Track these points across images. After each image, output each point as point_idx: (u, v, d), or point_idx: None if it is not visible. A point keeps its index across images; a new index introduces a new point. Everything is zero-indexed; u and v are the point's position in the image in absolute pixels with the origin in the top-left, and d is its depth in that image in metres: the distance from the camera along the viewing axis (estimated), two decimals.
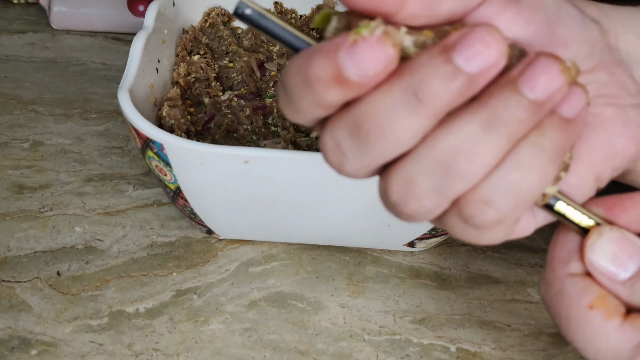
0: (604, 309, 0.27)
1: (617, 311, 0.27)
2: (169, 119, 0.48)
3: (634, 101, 0.30)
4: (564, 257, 0.29)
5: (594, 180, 0.29)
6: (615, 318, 0.26)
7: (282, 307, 0.46)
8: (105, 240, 0.50)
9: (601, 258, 0.28)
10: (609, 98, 0.30)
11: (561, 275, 0.28)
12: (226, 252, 0.50)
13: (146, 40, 0.48)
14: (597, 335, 0.26)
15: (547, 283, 0.29)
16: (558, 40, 0.28)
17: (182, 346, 0.43)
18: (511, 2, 0.27)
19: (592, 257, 0.28)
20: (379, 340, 0.45)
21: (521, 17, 0.27)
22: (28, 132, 0.59)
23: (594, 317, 0.26)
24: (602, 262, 0.28)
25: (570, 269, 0.28)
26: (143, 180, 0.56)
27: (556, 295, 0.28)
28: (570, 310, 0.27)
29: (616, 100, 0.30)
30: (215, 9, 0.60)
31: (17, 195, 0.53)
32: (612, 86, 0.30)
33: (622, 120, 0.30)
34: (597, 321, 0.26)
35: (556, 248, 0.29)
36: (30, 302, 0.45)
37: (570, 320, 0.27)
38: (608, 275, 0.27)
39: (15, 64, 0.68)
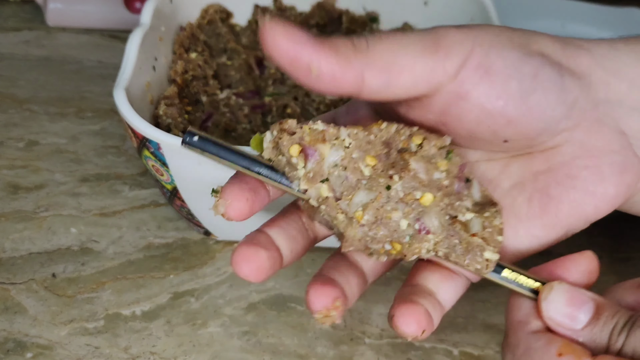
0: (572, 354, 0.28)
1: (584, 353, 0.28)
2: (166, 118, 0.47)
3: (612, 159, 0.31)
4: (522, 319, 0.31)
5: (563, 234, 0.33)
6: (585, 358, 0.28)
7: (281, 310, 0.46)
8: (101, 242, 0.49)
9: (556, 310, 0.30)
10: (584, 159, 0.31)
11: (524, 335, 0.30)
12: (224, 253, 0.49)
13: (143, 37, 0.48)
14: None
15: (512, 346, 0.30)
16: (531, 108, 0.29)
17: (179, 350, 0.43)
18: (483, 75, 0.29)
19: (548, 310, 0.30)
20: (380, 343, 0.44)
21: (494, 90, 0.29)
22: (23, 131, 0.58)
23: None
24: (558, 315, 0.30)
25: (531, 328, 0.31)
26: (139, 181, 0.55)
27: (524, 354, 0.30)
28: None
29: (592, 161, 0.31)
30: (213, 5, 0.59)
31: (12, 195, 0.52)
32: (589, 146, 0.31)
33: (596, 180, 0.31)
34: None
35: (512, 313, 0.32)
36: (25, 304, 0.44)
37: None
38: (566, 325, 0.30)
39: (10, 62, 0.67)
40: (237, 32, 0.60)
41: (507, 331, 0.32)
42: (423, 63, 0.28)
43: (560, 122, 0.30)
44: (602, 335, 0.29)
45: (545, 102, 0.30)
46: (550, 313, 0.30)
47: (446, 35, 0.29)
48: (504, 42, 0.29)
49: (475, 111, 0.29)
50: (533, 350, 0.29)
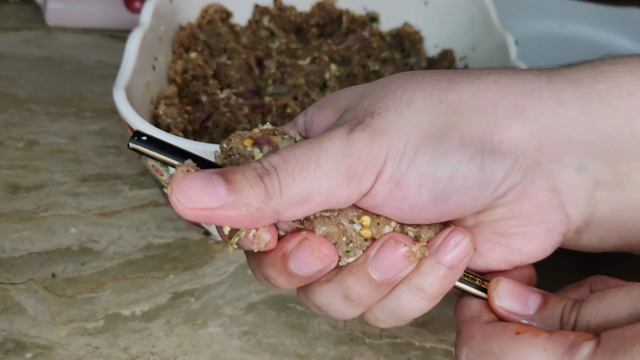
0: (529, 331, 0.29)
1: (541, 330, 0.29)
2: (166, 118, 0.47)
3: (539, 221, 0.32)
4: (474, 315, 0.32)
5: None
6: (542, 334, 0.29)
7: (281, 310, 0.46)
8: (101, 242, 0.49)
9: (507, 299, 0.32)
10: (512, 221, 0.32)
11: (479, 326, 0.31)
12: (224, 253, 0.49)
13: (142, 37, 0.48)
14: (533, 351, 0.29)
15: (467, 339, 0.31)
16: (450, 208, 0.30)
17: (179, 350, 0.43)
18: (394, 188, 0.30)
19: (499, 300, 0.32)
20: (379, 343, 0.44)
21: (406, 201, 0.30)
22: (23, 131, 0.58)
23: (524, 339, 0.29)
24: (509, 303, 0.32)
25: (484, 320, 0.32)
26: (139, 180, 0.55)
27: (482, 341, 0.30)
28: (502, 344, 0.30)
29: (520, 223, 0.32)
30: (212, 5, 0.59)
31: (12, 195, 0.52)
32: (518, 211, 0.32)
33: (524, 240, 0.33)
34: (528, 340, 0.29)
35: (464, 311, 0.33)
36: (25, 304, 0.44)
37: (505, 351, 0.29)
38: (518, 312, 0.32)
39: (10, 62, 0.67)
40: (237, 32, 0.60)
41: (459, 328, 0.32)
42: (339, 194, 0.29)
43: (485, 204, 0.31)
44: (554, 318, 0.31)
45: (464, 200, 0.30)
46: (502, 302, 0.32)
47: (359, 154, 0.29)
48: (422, 138, 0.29)
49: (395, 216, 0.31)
50: (491, 335, 0.30)
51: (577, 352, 0.27)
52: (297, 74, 0.55)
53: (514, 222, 0.32)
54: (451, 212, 0.31)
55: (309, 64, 0.57)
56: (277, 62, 0.56)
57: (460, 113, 0.30)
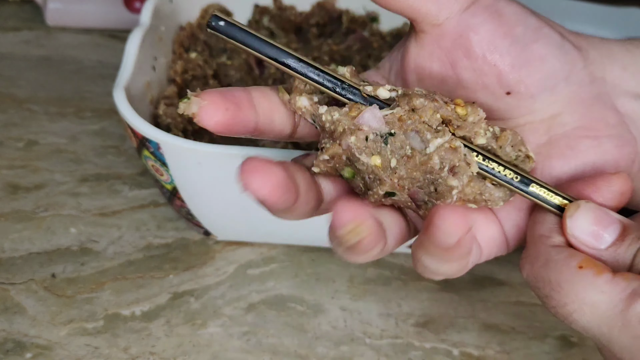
0: (593, 267, 0.28)
1: (605, 269, 0.28)
2: (166, 118, 0.47)
3: (610, 132, 0.32)
4: (544, 233, 0.30)
5: None
6: (605, 273, 0.27)
7: (281, 310, 0.46)
8: (101, 242, 0.49)
9: (581, 228, 0.29)
10: (584, 130, 0.32)
11: (545, 248, 0.30)
12: (224, 253, 0.49)
13: (142, 37, 0.48)
14: (590, 290, 0.27)
15: (532, 258, 0.30)
16: (533, 55, 0.31)
17: (179, 350, 0.42)
18: (493, 15, 0.30)
19: (572, 228, 0.30)
20: (380, 344, 0.44)
21: (500, 30, 0.30)
22: (22, 131, 0.58)
23: (585, 275, 0.28)
24: (582, 233, 0.29)
25: (552, 242, 0.30)
26: (139, 181, 0.55)
27: (543, 266, 0.29)
28: (561, 275, 0.28)
29: (592, 132, 0.32)
30: (212, 5, 0.59)
31: (12, 195, 0.52)
32: (588, 119, 0.32)
33: (596, 153, 0.32)
34: (589, 278, 0.27)
35: (536, 226, 0.31)
36: (24, 304, 0.44)
37: (562, 284, 0.28)
38: (589, 244, 0.29)
39: (10, 62, 0.67)
40: None
41: (528, 244, 0.31)
42: None
43: (559, 83, 0.31)
44: (626, 256, 0.29)
45: (546, 53, 0.31)
46: (575, 231, 0.30)
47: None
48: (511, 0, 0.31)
49: (483, 45, 0.30)
50: (553, 262, 0.29)
51: (636, 302, 0.26)
52: None
53: (585, 131, 0.32)
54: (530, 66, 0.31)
55: None
56: None
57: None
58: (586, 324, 0.28)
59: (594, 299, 0.27)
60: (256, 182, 0.26)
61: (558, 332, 0.46)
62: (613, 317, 0.27)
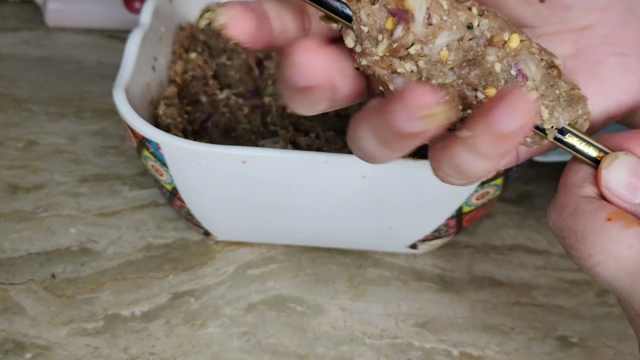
0: (622, 220, 0.27)
1: (635, 222, 0.27)
2: (166, 118, 0.47)
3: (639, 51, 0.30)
4: (577, 182, 0.29)
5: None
6: (634, 227, 0.27)
7: (281, 311, 0.46)
8: (101, 242, 0.49)
9: (616, 180, 0.28)
10: (613, 47, 0.30)
11: (575, 198, 0.29)
12: (224, 254, 0.49)
13: (142, 37, 0.48)
14: (617, 243, 0.27)
15: (560, 207, 0.29)
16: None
17: (178, 350, 0.42)
18: None
19: (607, 178, 0.28)
20: (380, 344, 0.44)
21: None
22: (22, 131, 0.58)
23: (613, 228, 0.27)
24: (617, 184, 0.28)
25: (584, 192, 0.29)
26: (139, 181, 0.55)
27: (571, 215, 0.28)
28: (587, 226, 0.27)
29: (621, 49, 0.30)
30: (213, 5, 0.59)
31: (11, 195, 0.52)
32: (620, 34, 0.30)
33: (622, 70, 0.30)
34: (617, 230, 0.27)
35: (569, 175, 0.30)
36: (24, 304, 0.44)
37: (588, 235, 0.27)
38: (623, 197, 0.28)
39: (10, 62, 0.67)
40: None
41: (558, 193, 0.30)
42: None
43: None
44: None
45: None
46: (610, 182, 0.29)
47: None
48: None
49: None
50: (581, 212, 0.28)
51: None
52: None
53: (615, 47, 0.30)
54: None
55: None
56: (277, 63, 0.56)
57: None
58: (609, 277, 0.27)
59: (619, 252, 0.27)
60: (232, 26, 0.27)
61: (558, 333, 0.46)
62: (638, 271, 0.26)
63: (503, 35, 0.28)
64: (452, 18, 0.27)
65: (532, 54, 0.29)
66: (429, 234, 0.47)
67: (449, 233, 0.48)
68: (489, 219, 0.54)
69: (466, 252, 0.51)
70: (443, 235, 0.48)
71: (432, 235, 0.47)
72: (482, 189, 0.43)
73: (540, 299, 0.48)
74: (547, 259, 0.51)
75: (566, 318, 0.47)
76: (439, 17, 0.27)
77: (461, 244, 0.52)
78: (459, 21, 0.27)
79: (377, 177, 0.41)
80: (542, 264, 0.51)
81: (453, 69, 0.28)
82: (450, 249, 0.51)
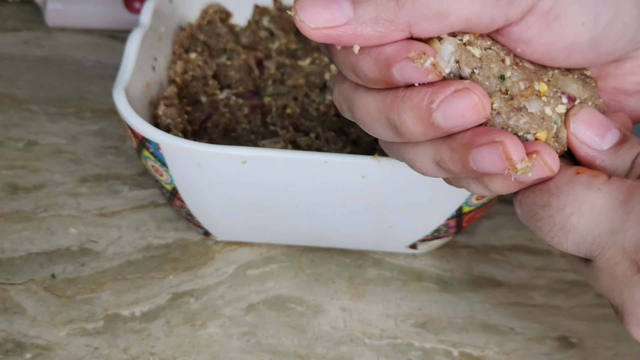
0: (590, 172, 0.28)
1: (602, 173, 0.28)
2: (165, 118, 0.47)
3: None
4: None
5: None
6: (602, 176, 0.27)
7: (281, 311, 0.46)
8: (101, 242, 0.49)
9: (583, 127, 0.29)
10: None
11: None
12: (224, 254, 0.49)
13: (142, 38, 0.48)
14: (588, 190, 0.27)
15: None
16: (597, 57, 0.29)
17: (178, 350, 0.42)
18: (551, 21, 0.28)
19: (575, 127, 0.29)
20: (380, 344, 0.44)
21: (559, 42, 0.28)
22: (22, 131, 0.58)
23: (582, 178, 0.27)
24: (585, 132, 0.29)
25: None
26: (139, 181, 0.55)
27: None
28: (559, 180, 0.28)
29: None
30: (212, 5, 0.59)
31: (11, 195, 0.52)
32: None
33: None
34: (586, 179, 0.27)
35: None
36: (24, 304, 0.44)
37: (562, 187, 0.28)
38: (590, 143, 0.29)
39: (10, 62, 0.67)
40: (236, 32, 0.60)
41: None
42: (482, 13, 0.27)
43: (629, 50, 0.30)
44: (625, 161, 0.29)
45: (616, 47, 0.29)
46: (577, 129, 0.29)
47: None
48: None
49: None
50: None
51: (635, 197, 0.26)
52: (297, 74, 0.55)
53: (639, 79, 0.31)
54: (594, 60, 0.29)
55: (309, 64, 0.57)
56: (277, 63, 0.56)
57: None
58: (584, 226, 0.27)
59: (593, 197, 0.27)
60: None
61: (557, 333, 0.46)
62: (613, 210, 0.27)
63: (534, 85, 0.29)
64: (485, 70, 0.28)
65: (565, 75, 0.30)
66: (429, 234, 0.47)
67: (448, 233, 0.48)
68: (488, 220, 0.54)
69: (466, 252, 0.51)
70: (443, 235, 0.48)
71: (431, 235, 0.47)
72: None
73: (539, 300, 0.48)
74: (546, 259, 0.52)
75: (565, 319, 0.47)
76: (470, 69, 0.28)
77: (461, 245, 0.52)
78: (492, 73, 0.28)
79: (377, 177, 0.41)
80: (542, 265, 0.51)
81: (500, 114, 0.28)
82: (450, 249, 0.51)
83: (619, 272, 0.27)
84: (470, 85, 0.27)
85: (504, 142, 0.27)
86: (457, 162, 0.28)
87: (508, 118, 0.28)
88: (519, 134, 0.29)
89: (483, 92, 0.27)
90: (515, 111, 0.28)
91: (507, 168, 0.27)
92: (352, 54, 0.28)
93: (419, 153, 0.30)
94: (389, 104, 0.28)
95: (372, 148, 0.48)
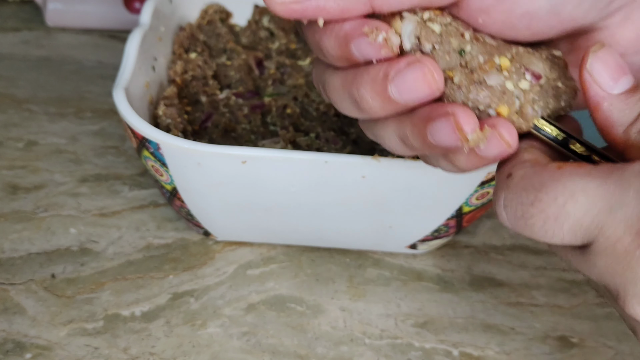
0: (572, 164, 0.27)
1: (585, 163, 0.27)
2: (165, 118, 0.47)
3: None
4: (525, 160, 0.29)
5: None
6: (586, 165, 0.27)
7: (281, 311, 0.46)
8: (101, 242, 0.49)
9: (600, 66, 0.28)
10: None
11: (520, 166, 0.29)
12: (224, 254, 0.49)
13: (142, 37, 0.48)
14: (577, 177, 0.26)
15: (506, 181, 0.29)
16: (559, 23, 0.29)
17: (178, 350, 0.42)
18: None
19: (592, 64, 0.28)
20: (380, 344, 0.44)
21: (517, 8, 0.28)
22: (22, 131, 0.58)
23: (566, 170, 0.27)
24: (601, 71, 0.28)
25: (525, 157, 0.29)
26: (139, 181, 0.55)
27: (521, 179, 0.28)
28: (543, 176, 0.27)
29: None
30: (212, 5, 0.59)
31: (12, 195, 0.52)
32: None
33: None
34: (572, 170, 0.27)
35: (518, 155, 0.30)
36: (24, 304, 0.44)
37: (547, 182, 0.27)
38: (603, 85, 0.28)
39: (10, 62, 0.67)
40: (236, 32, 0.60)
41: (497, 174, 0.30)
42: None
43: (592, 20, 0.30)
44: (632, 111, 0.28)
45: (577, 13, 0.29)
46: (593, 66, 0.28)
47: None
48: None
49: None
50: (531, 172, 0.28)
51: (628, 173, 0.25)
52: (297, 74, 0.55)
53: None
54: (557, 27, 0.29)
55: (309, 64, 0.57)
56: (277, 63, 0.56)
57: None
58: (581, 211, 0.26)
59: (582, 183, 0.26)
60: None
61: (558, 333, 0.46)
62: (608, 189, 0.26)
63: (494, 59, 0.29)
64: (445, 45, 0.28)
65: (531, 54, 0.29)
66: (429, 234, 0.47)
67: (448, 233, 0.48)
68: (489, 219, 0.54)
69: (466, 252, 0.51)
70: (443, 235, 0.48)
71: (432, 235, 0.47)
72: (482, 189, 0.43)
73: (540, 299, 0.48)
74: (547, 259, 0.51)
75: (566, 318, 0.47)
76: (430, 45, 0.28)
77: (461, 244, 0.52)
78: (452, 48, 0.28)
79: (377, 177, 0.41)
80: (542, 264, 0.51)
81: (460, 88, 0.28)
82: (450, 249, 0.51)
83: (620, 249, 0.26)
84: (422, 58, 0.28)
85: (455, 112, 0.27)
86: (418, 137, 0.29)
87: (468, 92, 0.28)
88: (480, 108, 0.28)
89: (434, 63, 0.28)
90: (476, 85, 0.28)
91: (460, 139, 0.27)
92: (318, 32, 0.28)
93: (386, 130, 0.30)
94: (350, 80, 0.29)
95: (372, 148, 0.47)
